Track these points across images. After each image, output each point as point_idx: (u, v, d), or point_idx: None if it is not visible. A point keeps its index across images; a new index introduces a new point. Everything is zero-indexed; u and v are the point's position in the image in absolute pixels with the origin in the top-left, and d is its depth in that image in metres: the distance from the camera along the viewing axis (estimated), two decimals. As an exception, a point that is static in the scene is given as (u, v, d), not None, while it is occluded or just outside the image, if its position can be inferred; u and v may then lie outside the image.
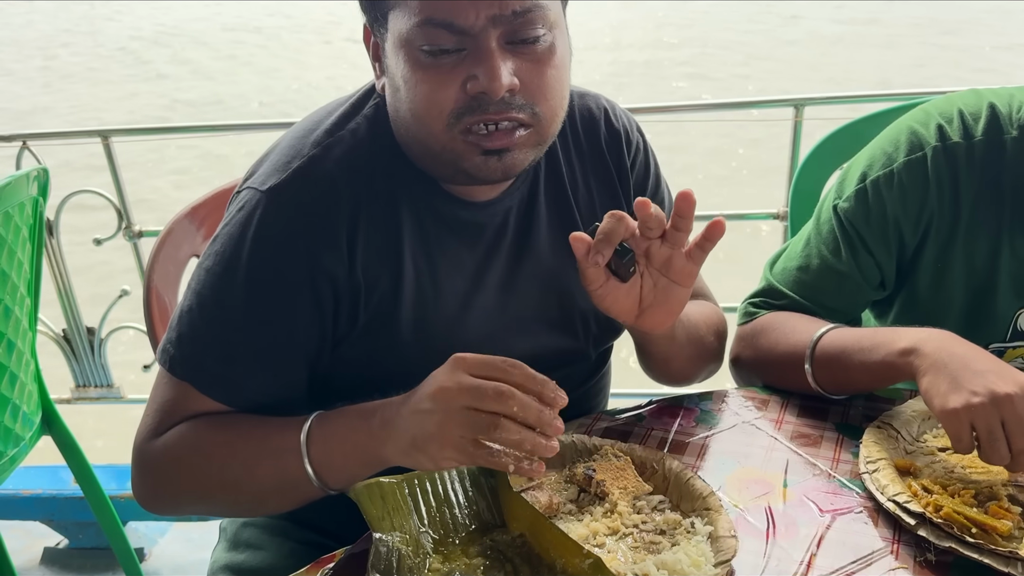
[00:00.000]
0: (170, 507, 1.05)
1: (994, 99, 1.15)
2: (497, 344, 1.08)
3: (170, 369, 0.99)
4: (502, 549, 0.88)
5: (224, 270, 0.98)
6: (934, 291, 1.20)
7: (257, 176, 1.02)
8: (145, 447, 1.00)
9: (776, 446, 1.08)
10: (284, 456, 0.92)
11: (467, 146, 0.94)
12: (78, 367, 2.43)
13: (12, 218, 1.68)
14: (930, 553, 0.89)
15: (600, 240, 0.95)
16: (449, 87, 0.91)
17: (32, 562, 2.35)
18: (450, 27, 0.89)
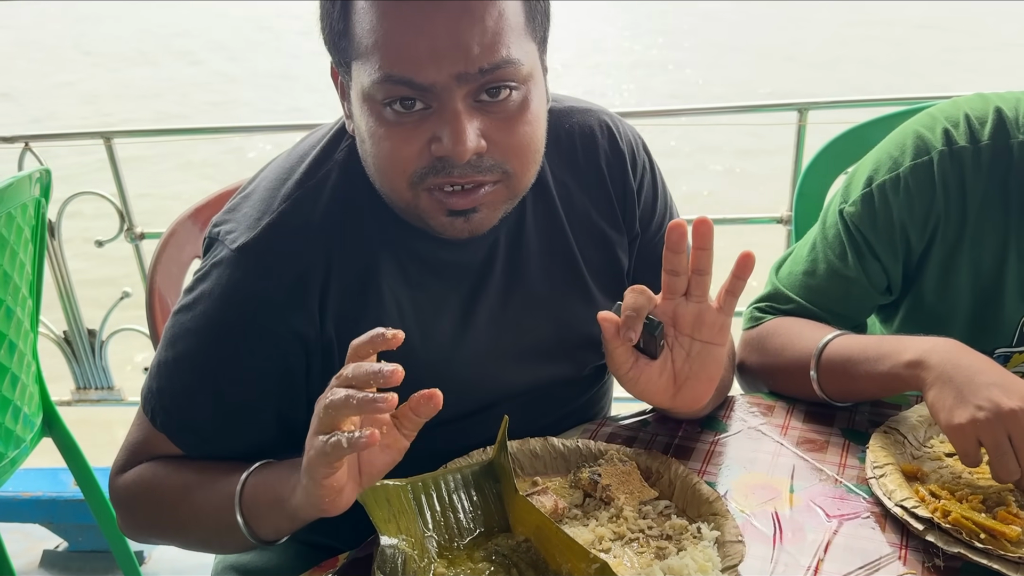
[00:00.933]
0: (141, 538, 1.12)
1: (1000, 103, 1.15)
2: (491, 380, 1.07)
3: (151, 419, 1.02)
4: (507, 554, 0.87)
5: (197, 327, 0.98)
6: (940, 296, 1.20)
7: (229, 227, 1.00)
8: (113, 482, 1.05)
9: (782, 451, 1.08)
10: (224, 503, 0.92)
11: (432, 205, 0.91)
12: (79, 369, 2.43)
13: (15, 219, 1.67)
14: (938, 559, 0.88)
15: (628, 316, 0.91)
16: (412, 145, 0.88)
17: (31, 565, 2.34)
18: (411, 84, 0.85)
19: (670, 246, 0.91)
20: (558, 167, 1.10)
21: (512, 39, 0.87)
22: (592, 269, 1.12)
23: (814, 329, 1.17)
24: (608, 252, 1.13)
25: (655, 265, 1.16)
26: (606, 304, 1.12)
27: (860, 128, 1.60)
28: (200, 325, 0.98)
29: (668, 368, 0.96)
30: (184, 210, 1.44)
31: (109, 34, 14.08)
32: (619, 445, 1.05)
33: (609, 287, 1.14)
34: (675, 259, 0.91)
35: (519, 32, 0.88)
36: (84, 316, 2.36)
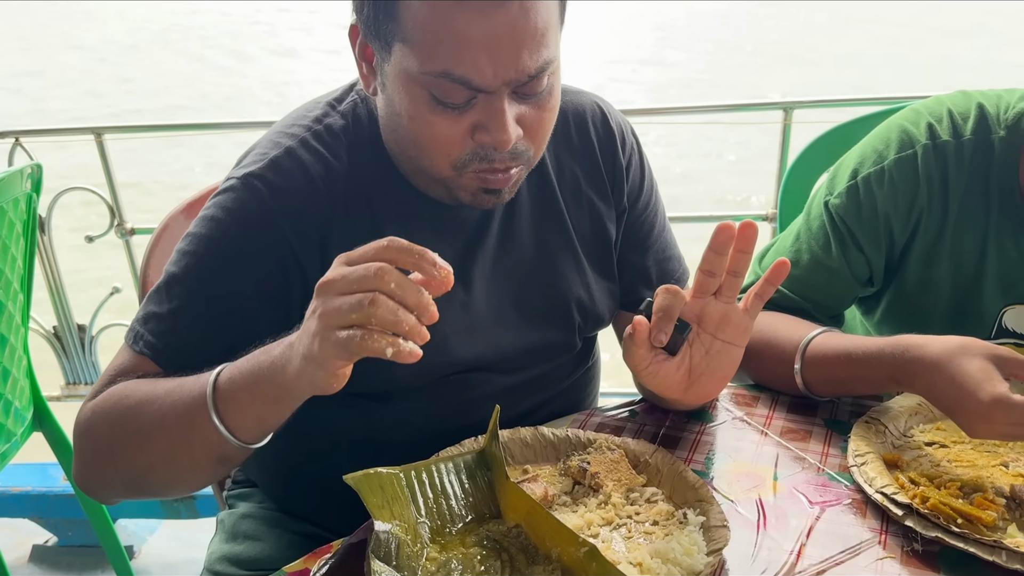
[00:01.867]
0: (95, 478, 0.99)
1: (983, 100, 1.18)
2: (481, 336, 1.10)
3: (132, 344, 1.00)
4: (498, 539, 0.89)
5: (196, 248, 1.00)
6: (922, 287, 1.22)
7: (237, 167, 1.04)
8: (80, 411, 0.98)
9: (766, 441, 1.10)
10: (192, 401, 0.88)
11: (471, 183, 0.96)
12: (68, 364, 2.43)
13: (6, 213, 1.68)
14: (917, 543, 0.91)
15: (661, 318, 0.94)
16: (455, 132, 0.92)
17: (21, 560, 2.35)
18: (468, 85, 0.89)
19: (715, 247, 0.92)
20: (552, 141, 1.13)
21: (552, 38, 0.92)
22: (581, 236, 1.17)
23: (797, 324, 1.20)
24: (597, 222, 1.18)
25: (640, 242, 1.22)
26: (593, 269, 1.16)
27: (843, 127, 1.63)
28: (198, 246, 0.99)
29: (685, 364, 0.98)
30: (176, 205, 1.45)
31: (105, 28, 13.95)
32: (607, 434, 1.07)
33: (596, 254, 1.19)
34: (716, 260, 0.92)
35: (556, 27, 0.93)
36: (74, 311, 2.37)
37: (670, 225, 1.30)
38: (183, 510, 2.34)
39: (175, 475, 0.96)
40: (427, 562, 0.86)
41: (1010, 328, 1.23)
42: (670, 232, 1.29)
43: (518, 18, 0.87)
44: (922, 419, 1.11)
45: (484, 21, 0.86)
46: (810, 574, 0.87)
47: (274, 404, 0.86)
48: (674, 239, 1.29)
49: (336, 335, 0.75)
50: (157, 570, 2.32)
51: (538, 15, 0.88)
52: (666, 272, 1.25)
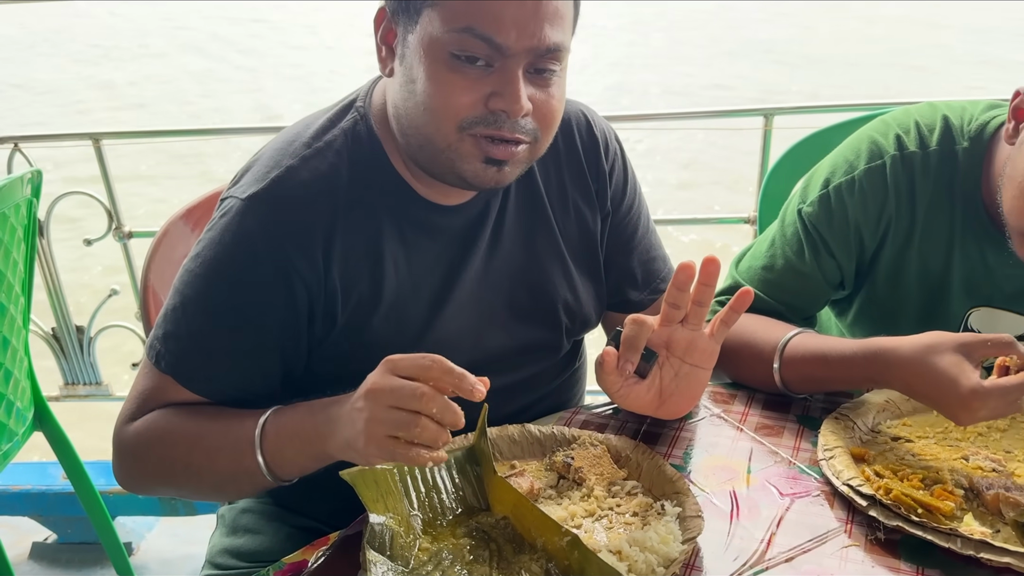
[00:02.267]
0: (142, 487, 1.13)
1: (948, 112, 1.24)
2: (472, 336, 1.15)
3: (155, 363, 1.06)
4: (487, 530, 0.95)
5: (205, 272, 1.04)
6: (891, 291, 1.28)
7: (239, 185, 1.08)
8: (121, 431, 1.07)
9: (741, 437, 1.16)
10: (241, 447, 0.98)
11: (472, 150, 0.99)
12: (67, 365, 2.47)
13: (8, 219, 1.72)
14: (880, 532, 0.96)
15: (627, 348, 1.02)
16: (470, 95, 0.96)
17: (21, 557, 2.38)
18: (489, 42, 0.94)
19: (677, 284, 1.01)
20: None
21: (567, 29, 0.99)
22: (568, 240, 1.23)
23: (774, 325, 1.25)
24: (582, 225, 1.24)
25: (624, 244, 1.29)
26: (579, 272, 1.23)
27: (821, 133, 1.69)
28: (208, 269, 1.04)
29: (656, 386, 1.07)
30: (176, 211, 1.50)
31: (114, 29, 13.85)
32: (591, 431, 1.13)
33: (583, 257, 1.25)
34: (679, 295, 1.02)
35: (570, 26, 1.01)
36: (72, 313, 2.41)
37: (654, 226, 1.36)
38: (181, 507, 2.39)
39: (219, 497, 1.20)
40: (419, 552, 0.91)
41: (975, 328, 1.29)
42: (654, 233, 1.35)
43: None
44: (889, 415, 1.17)
45: None
46: (779, 561, 0.93)
47: (314, 460, 0.97)
48: (659, 240, 1.35)
49: (382, 442, 0.85)
50: (155, 566, 2.36)
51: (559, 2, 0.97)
52: (651, 272, 1.31)
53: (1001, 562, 0.88)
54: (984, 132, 1.20)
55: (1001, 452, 1.09)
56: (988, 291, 1.25)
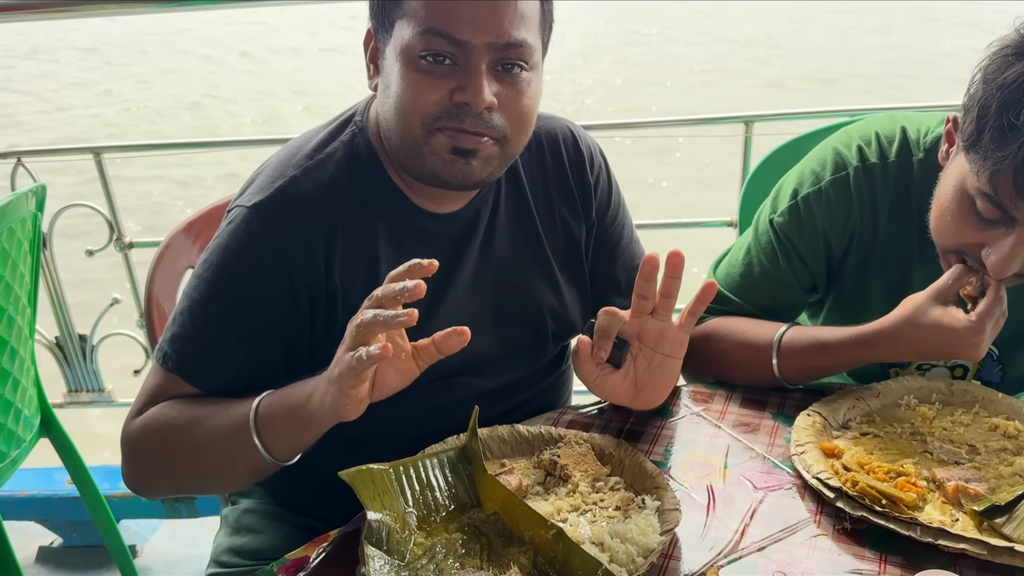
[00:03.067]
0: (147, 483, 1.15)
1: (906, 123, 1.31)
2: None
3: (162, 363, 1.12)
4: (478, 525, 1.01)
5: (213, 276, 1.11)
6: (856, 295, 1.35)
7: (245, 195, 1.14)
8: (127, 426, 1.12)
9: (719, 434, 1.22)
10: (237, 427, 1.03)
11: (439, 144, 1.06)
12: (70, 373, 2.52)
13: (15, 233, 1.78)
14: (847, 522, 1.03)
15: (600, 337, 1.09)
16: (436, 92, 1.04)
17: (28, 560, 2.44)
18: (448, 37, 1.01)
19: (643, 275, 1.08)
20: (528, 163, 1.27)
21: (531, 28, 1.06)
22: (554, 249, 1.30)
23: (763, 324, 1.32)
24: (568, 235, 1.31)
25: (609, 253, 1.36)
26: (565, 279, 1.29)
27: (798, 140, 1.74)
28: (215, 273, 1.10)
29: (630, 376, 1.13)
30: (177, 224, 1.56)
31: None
32: (577, 431, 1.19)
33: (568, 266, 1.32)
34: (646, 286, 1.09)
35: (535, 26, 1.07)
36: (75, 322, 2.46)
37: (637, 236, 1.42)
38: (183, 510, 2.44)
39: (217, 482, 1.18)
40: (414, 547, 0.97)
41: None
42: (638, 243, 1.41)
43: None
44: (859, 412, 1.23)
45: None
46: (752, 550, 0.99)
47: (303, 429, 1.01)
48: (642, 249, 1.41)
49: (347, 356, 0.90)
50: (159, 568, 2.41)
51: (519, 1, 1.03)
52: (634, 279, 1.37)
53: (957, 548, 0.94)
54: (939, 144, 1.27)
55: (964, 446, 1.15)
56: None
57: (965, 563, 0.95)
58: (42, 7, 2.07)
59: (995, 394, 1.24)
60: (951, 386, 1.26)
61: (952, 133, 1.18)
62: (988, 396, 1.24)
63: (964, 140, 1.10)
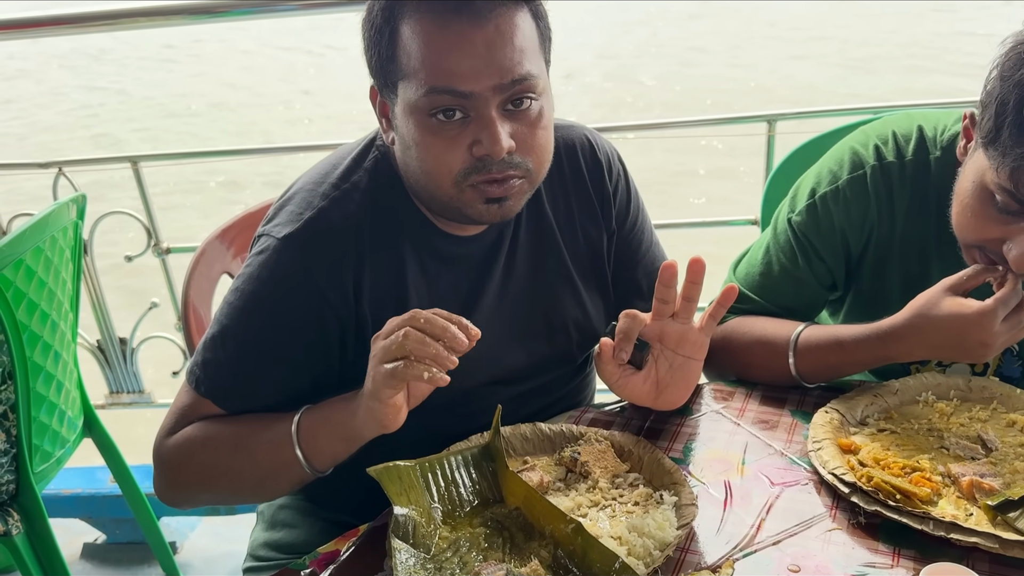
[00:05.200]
0: (182, 497, 1.20)
1: (923, 122, 1.32)
2: (492, 355, 1.24)
3: (195, 388, 1.16)
4: (501, 520, 1.05)
5: (244, 304, 1.15)
6: (875, 292, 1.36)
7: (274, 224, 1.17)
8: (160, 445, 1.16)
9: (738, 431, 1.25)
10: (279, 442, 1.07)
11: (473, 197, 1.09)
12: (111, 375, 2.60)
13: (57, 241, 1.85)
14: (861, 516, 1.05)
15: (621, 339, 1.11)
16: (456, 150, 1.05)
17: (73, 557, 2.51)
18: (453, 92, 1.02)
19: (663, 281, 1.11)
20: (547, 175, 1.26)
21: (531, 58, 1.06)
22: (576, 260, 1.32)
23: (781, 323, 1.34)
24: (590, 244, 1.33)
25: (629, 258, 1.38)
26: (587, 288, 1.32)
27: (820, 138, 1.76)
28: (246, 303, 1.14)
29: (652, 377, 1.16)
30: (212, 231, 1.61)
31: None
32: (597, 428, 1.22)
33: (591, 275, 1.34)
34: (666, 292, 1.12)
35: (535, 52, 1.08)
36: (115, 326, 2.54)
37: (657, 239, 1.44)
38: (222, 508, 2.51)
39: (256, 495, 1.22)
40: (440, 540, 1.01)
41: None
42: (658, 246, 1.43)
43: (494, 35, 1.03)
44: (877, 409, 1.25)
45: (465, 41, 1.02)
46: (767, 544, 1.02)
47: (345, 442, 1.06)
48: (663, 253, 1.43)
49: (383, 368, 0.96)
50: (199, 564, 2.48)
51: (513, 35, 1.04)
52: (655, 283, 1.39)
53: (969, 542, 0.96)
54: (955, 142, 1.28)
55: (979, 442, 1.16)
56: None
57: (978, 557, 0.97)
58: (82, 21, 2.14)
59: (1013, 390, 1.25)
60: (969, 382, 1.27)
61: (970, 129, 1.19)
62: (1006, 392, 1.25)
63: (983, 137, 1.11)
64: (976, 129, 1.15)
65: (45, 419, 1.88)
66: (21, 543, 1.83)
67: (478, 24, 1.01)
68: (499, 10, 1.02)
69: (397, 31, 1.05)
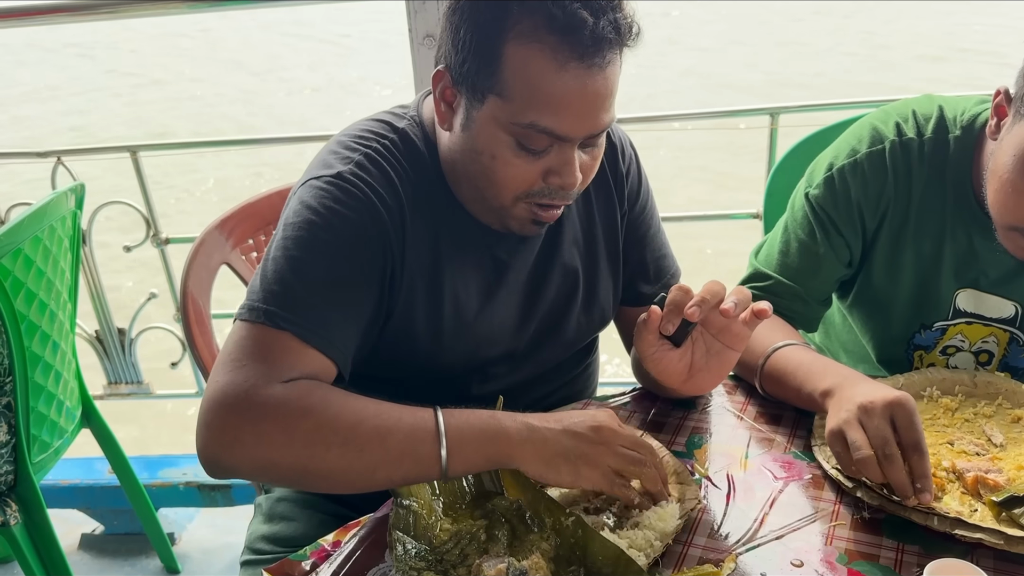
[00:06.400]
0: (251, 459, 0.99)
1: (943, 103, 1.32)
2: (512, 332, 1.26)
3: (267, 319, 1.03)
4: (502, 512, 1.04)
5: (310, 234, 1.08)
6: (887, 273, 1.36)
7: (317, 174, 1.13)
8: (261, 391, 0.99)
9: (741, 424, 1.24)
10: (418, 434, 1.01)
11: (524, 214, 1.12)
12: (110, 365, 2.59)
13: (56, 231, 1.84)
14: (865, 511, 1.04)
15: (670, 311, 1.09)
16: (530, 173, 1.08)
17: (71, 547, 2.51)
18: (551, 134, 1.04)
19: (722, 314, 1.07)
20: None
21: (615, 99, 1.08)
22: (592, 242, 1.32)
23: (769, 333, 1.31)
24: (605, 226, 1.33)
25: (639, 241, 1.38)
26: (601, 272, 1.34)
27: (823, 132, 1.74)
28: (313, 233, 1.08)
29: (687, 358, 1.14)
30: (211, 221, 1.60)
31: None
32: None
33: (604, 257, 1.34)
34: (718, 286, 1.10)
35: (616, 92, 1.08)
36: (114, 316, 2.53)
37: (663, 227, 1.44)
38: (220, 499, 2.51)
39: (351, 482, 1.03)
40: (440, 532, 1.01)
41: (962, 308, 1.36)
42: (664, 234, 1.43)
43: (602, 86, 1.04)
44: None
45: (578, 86, 1.02)
46: (770, 538, 1.01)
47: (487, 461, 1.03)
48: (667, 241, 1.43)
49: (608, 471, 1.00)
50: (197, 555, 2.47)
51: (614, 83, 1.06)
52: (662, 268, 1.39)
53: (974, 538, 0.96)
54: (975, 123, 1.27)
55: (984, 437, 1.15)
56: (974, 274, 1.32)
57: (982, 553, 0.96)
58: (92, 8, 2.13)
59: (1019, 386, 1.24)
60: (974, 377, 1.27)
61: (1003, 106, 1.18)
62: (1012, 388, 1.24)
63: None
64: (1011, 104, 1.14)
65: (43, 409, 1.87)
66: (19, 533, 1.82)
67: (593, 72, 1.02)
68: (612, 59, 1.03)
69: (504, 48, 1.02)
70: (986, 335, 1.37)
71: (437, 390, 1.13)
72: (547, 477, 1.01)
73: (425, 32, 1.92)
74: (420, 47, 1.90)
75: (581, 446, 1.01)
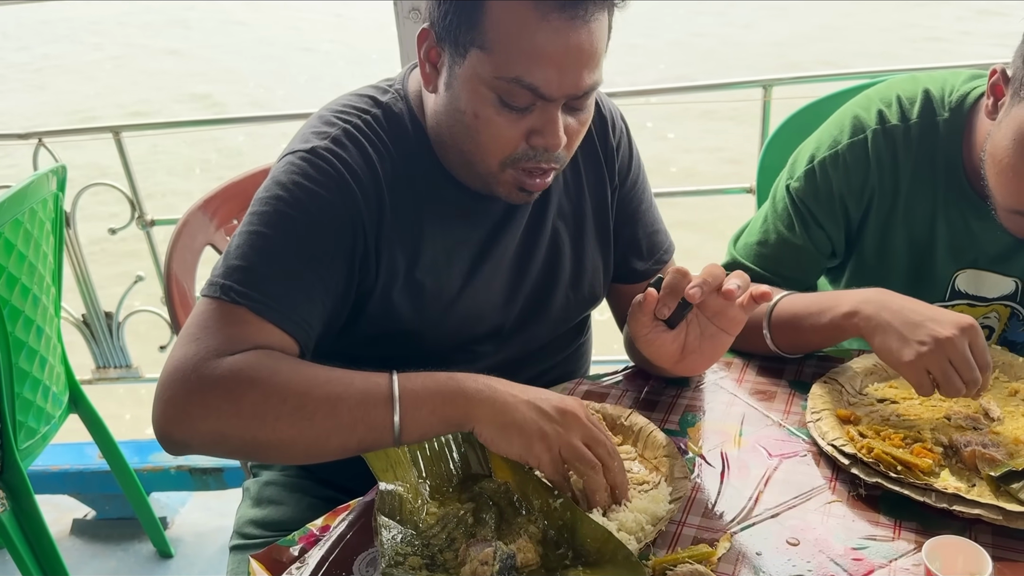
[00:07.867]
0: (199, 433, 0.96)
1: (929, 84, 1.28)
2: (496, 307, 1.23)
3: (223, 294, 1.02)
4: (489, 495, 1.01)
5: (275, 210, 1.07)
6: (879, 258, 1.33)
7: (296, 146, 1.11)
8: (209, 363, 0.97)
9: (735, 401, 1.22)
10: (370, 400, 0.97)
11: (510, 180, 1.09)
12: (98, 349, 2.57)
13: (36, 213, 1.81)
14: (862, 488, 1.02)
15: (667, 294, 1.07)
16: (513, 133, 1.05)
17: (63, 533, 2.50)
18: (535, 92, 1.01)
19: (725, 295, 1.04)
20: None
21: (602, 62, 1.05)
22: (580, 218, 1.29)
23: None
24: (595, 201, 1.30)
25: (631, 216, 1.35)
26: (591, 248, 1.30)
27: (817, 103, 1.71)
28: (280, 206, 1.07)
29: (680, 339, 1.11)
30: (195, 201, 1.57)
31: None
32: (589, 401, 1.19)
33: (595, 233, 1.31)
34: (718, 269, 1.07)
35: (604, 54, 1.06)
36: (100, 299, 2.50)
37: (656, 202, 1.41)
38: (212, 482, 2.49)
39: (304, 451, 1.00)
40: (427, 516, 0.98)
41: (962, 290, 1.33)
42: (656, 209, 1.40)
43: (585, 41, 1.00)
44: (876, 378, 1.22)
45: (560, 40, 0.99)
46: (765, 517, 0.99)
47: (443, 424, 0.98)
48: (660, 216, 1.40)
49: (557, 458, 0.96)
50: (189, 538, 2.46)
51: (600, 41, 1.02)
52: (655, 244, 1.36)
53: (972, 513, 0.94)
54: (964, 103, 1.24)
55: (981, 411, 1.13)
56: (973, 254, 1.30)
57: (980, 528, 0.95)
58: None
59: (1016, 359, 1.22)
60: (971, 351, 1.24)
61: (1000, 85, 1.15)
62: (1008, 361, 1.22)
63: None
64: (1008, 85, 1.11)
65: (29, 395, 1.84)
66: (8, 521, 1.80)
67: (576, 26, 0.99)
68: (597, 13, 1.00)
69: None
70: (987, 312, 1.35)
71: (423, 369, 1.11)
72: (497, 444, 0.96)
73: (411, 6, 1.88)
74: (405, 20, 1.87)
75: (540, 422, 0.96)
